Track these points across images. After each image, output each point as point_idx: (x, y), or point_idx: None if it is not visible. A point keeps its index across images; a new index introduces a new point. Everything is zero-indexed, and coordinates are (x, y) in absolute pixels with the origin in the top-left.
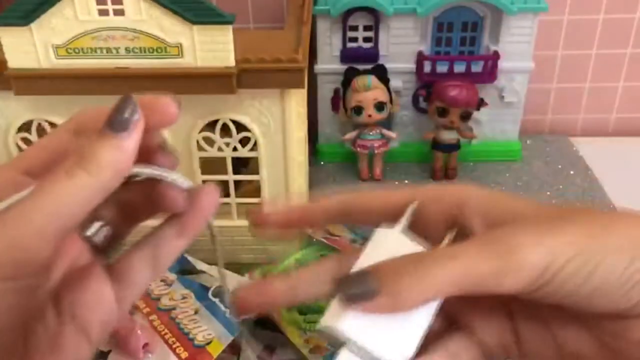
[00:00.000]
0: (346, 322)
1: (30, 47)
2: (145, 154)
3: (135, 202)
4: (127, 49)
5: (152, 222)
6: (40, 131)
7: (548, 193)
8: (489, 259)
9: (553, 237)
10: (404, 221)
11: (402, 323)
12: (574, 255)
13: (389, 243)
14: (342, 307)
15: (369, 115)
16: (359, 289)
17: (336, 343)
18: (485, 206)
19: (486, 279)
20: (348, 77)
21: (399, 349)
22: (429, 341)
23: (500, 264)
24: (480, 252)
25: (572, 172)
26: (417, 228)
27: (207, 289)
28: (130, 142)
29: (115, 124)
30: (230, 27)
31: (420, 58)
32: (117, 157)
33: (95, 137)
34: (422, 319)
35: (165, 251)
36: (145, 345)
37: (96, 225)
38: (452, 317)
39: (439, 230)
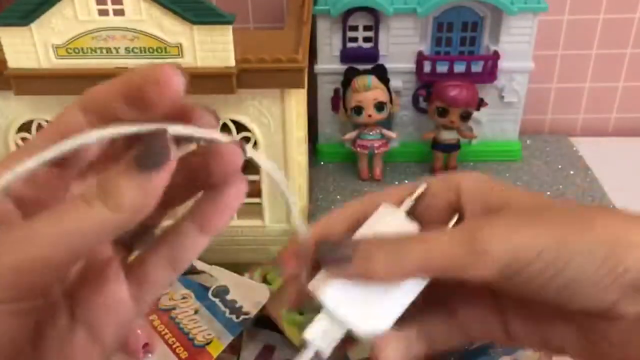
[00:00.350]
0: (328, 290)
1: (30, 47)
2: (179, 116)
3: (171, 183)
4: (127, 49)
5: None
6: None
7: (548, 193)
8: (454, 247)
9: (525, 231)
10: (408, 202)
11: (382, 299)
12: (542, 250)
13: (389, 220)
14: (326, 277)
15: (369, 115)
16: (335, 253)
17: (317, 306)
18: (478, 194)
19: (450, 266)
20: (348, 77)
21: (372, 323)
22: (406, 316)
23: (463, 253)
24: (449, 240)
25: (572, 172)
26: (424, 215)
27: (207, 289)
28: (158, 182)
29: (143, 161)
30: (230, 27)
31: (420, 58)
32: (141, 199)
33: (121, 169)
34: (403, 297)
35: (186, 249)
36: (145, 345)
37: None
38: (439, 299)
39: (443, 217)
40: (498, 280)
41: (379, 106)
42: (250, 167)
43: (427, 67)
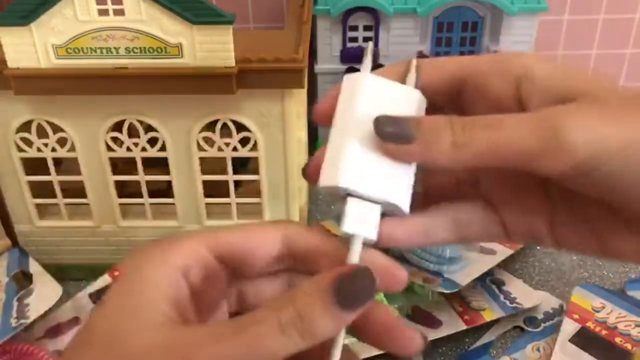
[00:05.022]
0: (346, 175)
1: (30, 47)
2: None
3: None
4: (127, 49)
5: None
6: (40, 131)
7: None
8: (532, 134)
9: (611, 125)
10: (412, 75)
11: (396, 178)
12: (627, 147)
13: (392, 95)
14: (334, 163)
15: None
16: (397, 129)
17: (338, 195)
18: (548, 82)
19: (525, 154)
20: None
21: (400, 197)
22: (437, 199)
23: (543, 141)
24: (526, 127)
25: None
26: (479, 102)
27: None
28: (352, 318)
29: (344, 299)
30: (230, 27)
31: (420, 58)
32: (333, 333)
33: (319, 302)
34: (409, 177)
35: None
36: None
37: None
38: (478, 191)
39: (502, 105)
40: (570, 175)
41: None
42: (250, 167)
43: None
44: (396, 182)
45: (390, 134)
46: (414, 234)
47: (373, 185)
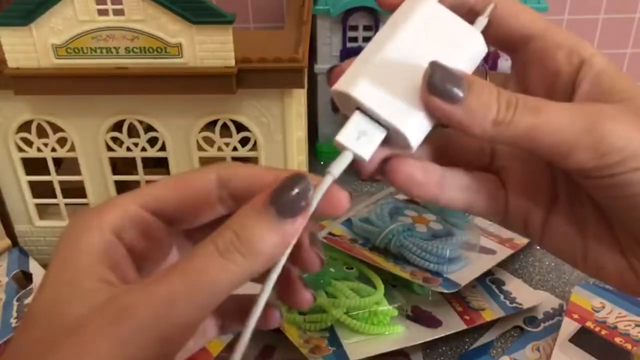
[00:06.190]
0: (363, 88)
1: (30, 47)
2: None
3: None
4: (127, 49)
5: None
6: (40, 131)
7: None
8: (573, 126)
9: None
10: (483, 19)
11: (416, 112)
12: None
13: (451, 30)
14: (358, 73)
15: None
16: (448, 86)
17: (348, 108)
18: (601, 74)
19: (560, 144)
20: None
21: (412, 129)
22: (455, 163)
23: (582, 136)
24: (569, 117)
25: None
26: (536, 66)
27: None
28: (294, 228)
29: (282, 206)
30: (230, 27)
31: None
32: (277, 244)
33: (255, 216)
34: (428, 122)
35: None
36: None
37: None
38: (497, 167)
39: (558, 78)
40: (593, 174)
41: None
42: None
43: None
44: (413, 117)
45: (438, 86)
46: (431, 183)
47: (387, 106)
